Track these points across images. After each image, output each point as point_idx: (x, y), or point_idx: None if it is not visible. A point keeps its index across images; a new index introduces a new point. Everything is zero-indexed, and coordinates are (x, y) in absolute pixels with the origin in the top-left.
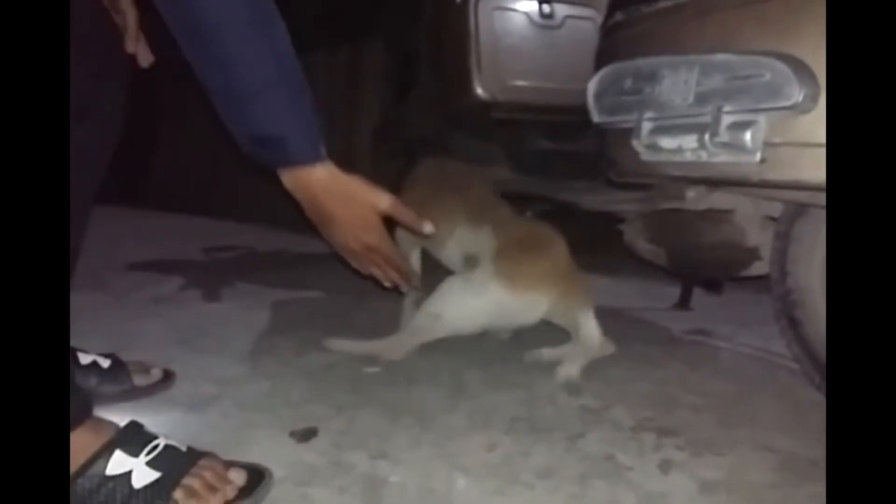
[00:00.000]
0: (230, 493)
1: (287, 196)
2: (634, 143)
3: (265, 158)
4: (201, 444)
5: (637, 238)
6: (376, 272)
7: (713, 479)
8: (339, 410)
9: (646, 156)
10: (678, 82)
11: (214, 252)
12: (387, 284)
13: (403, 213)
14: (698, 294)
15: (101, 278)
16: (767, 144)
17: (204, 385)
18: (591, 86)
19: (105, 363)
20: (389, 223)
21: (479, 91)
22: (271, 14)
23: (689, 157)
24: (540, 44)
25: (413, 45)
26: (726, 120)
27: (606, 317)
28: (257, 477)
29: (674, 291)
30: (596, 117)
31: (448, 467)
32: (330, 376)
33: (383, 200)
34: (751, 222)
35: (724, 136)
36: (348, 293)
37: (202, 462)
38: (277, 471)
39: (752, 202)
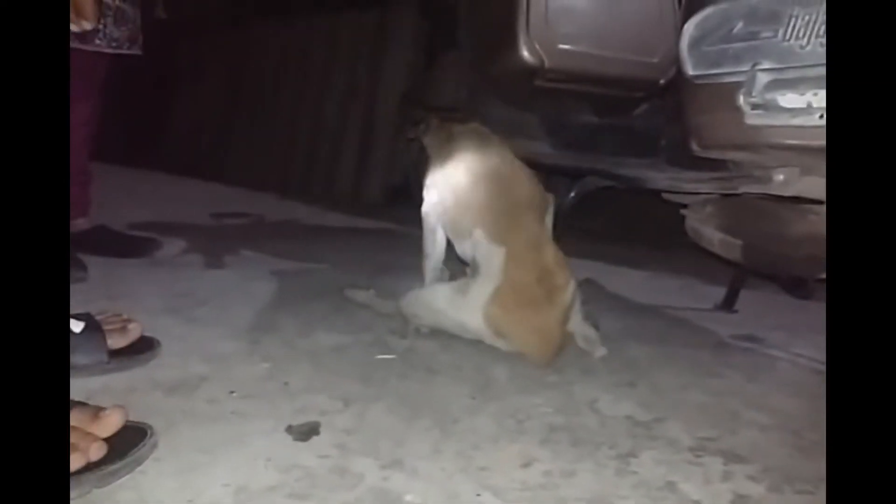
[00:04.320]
0: (94, 453)
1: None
2: (741, 100)
3: None
4: (181, 436)
5: (705, 226)
6: None
7: None
8: (346, 403)
9: (755, 118)
10: (813, 23)
11: (222, 218)
12: None
13: None
14: (744, 296)
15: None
16: None
17: (192, 362)
18: (687, 31)
19: (77, 326)
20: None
21: (525, 54)
22: None
23: (817, 120)
24: (595, 5)
25: (450, 2)
26: None
27: (642, 314)
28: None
29: (714, 291)
30: (690, 69)
31: (475, 485)
32: (337, 361)
33: None
34: None
35: None
36: (360, 268)
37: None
38: (269, 477)
39: None
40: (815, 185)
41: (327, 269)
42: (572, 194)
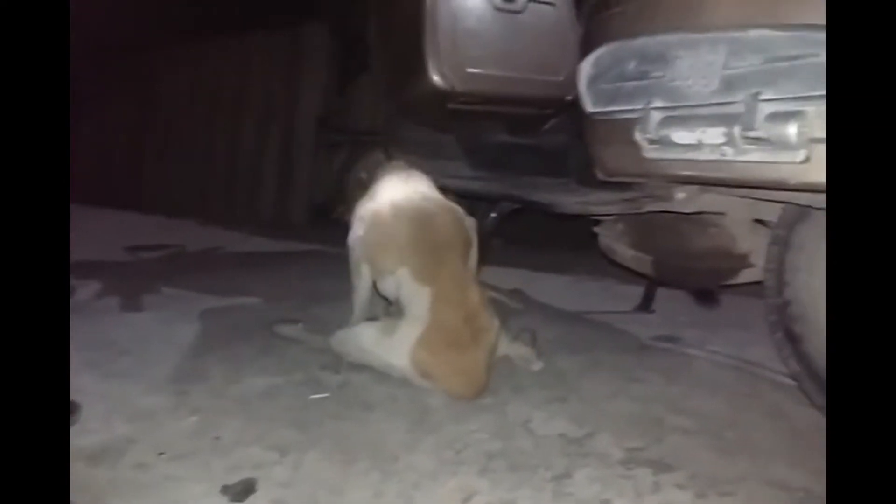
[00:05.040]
0: None
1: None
2: (638, 136)
3: None
4: None
5: (617, 243)
6: None
7: None
8: (281, 453)
9: (651, 152)
10: (698, 64)
11: (139, 251)
12: None
13: None
14: (660, 295)
15: None
16: (813, 140)
17: (116, 422)
18: (584, 69)
19: None
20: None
21: (436, 79)
22: None
23: (708, 154)
24: (501, 29)
25: (360, 26)
26: (764, 110)
27: (570, 321)
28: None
29: (633, 290)
30: (589, 106)
31: None
32: (269, 407)
33: None
34: (742, 226)
35: (760, 130)
36: (289, 297)
37: None
38: None
39: (745, 204)
40: (714, 201)
41: (255, 303)
42: (493, 215)
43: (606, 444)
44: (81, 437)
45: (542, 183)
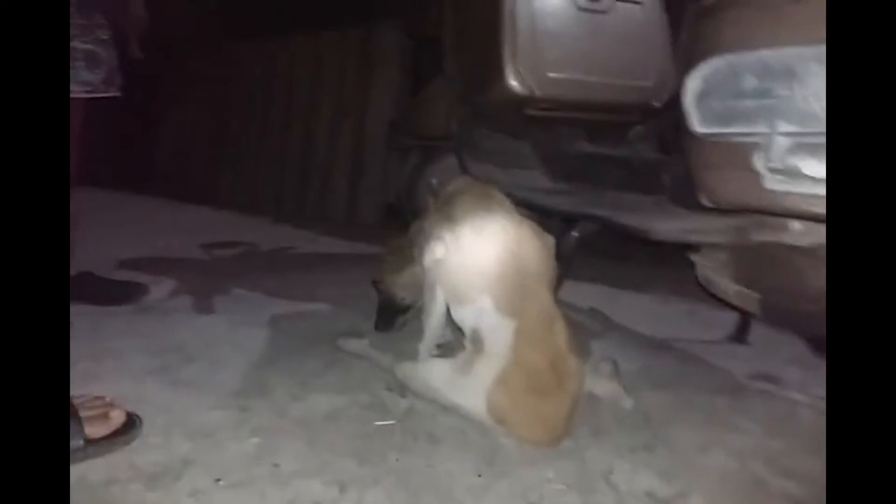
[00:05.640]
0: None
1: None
2: (758, 164)
3: None
4: None
5: (718, 275)
6: None
7: None
8: (342, 489)
9: (775, 183)
10: None
11: (213, 248)
12: None
13: None
14: (755, 322)
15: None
16: None
17: (176, 439)
18: (691, 84)
19: None
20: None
21: (513, 84)
22: None
23: None
24: (584, 30)
25: (435, 27)
26: None
27: (653, 350)
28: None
29: (724, 316)
30: (697, 126)
31: None
32: (332, 431)
33: None
34: None
35: None
36: (356, 306)
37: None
38: None
39: None
40: None
41: (323, 309)
42: (574, 233)
43: None
44: (141, 454)
45: (630, 200)
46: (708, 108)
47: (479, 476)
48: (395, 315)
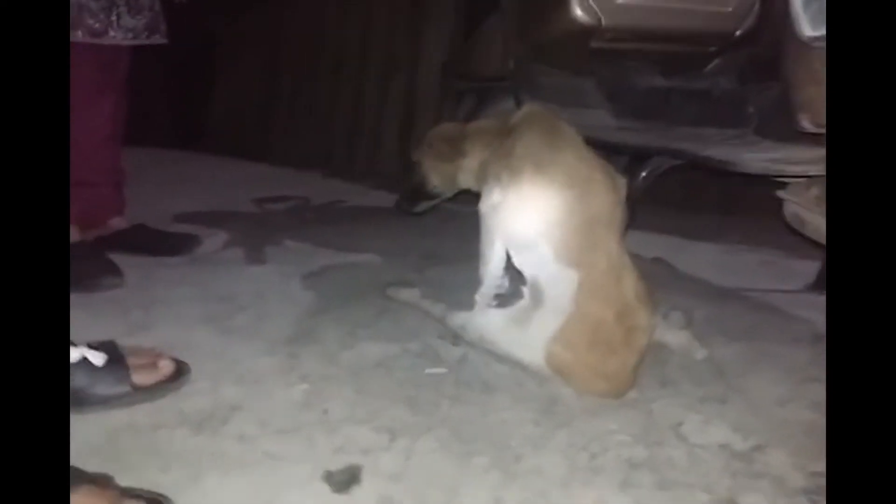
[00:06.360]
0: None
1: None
2: None
3: None
4: (204, 482)
5: (810, 212)
6: None
7: None
8: (392, 437)
9: None
10: None
11: (266, 203)
12: None
13: None
14: None
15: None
16: None
17: (224, 386)
18: None
19: (98, 359)
20: None
21: (579, 13)
22: None
23: None
24: None
25: None
26: None
27: (725, 300)
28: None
29: (800, 265)
30: (807, 30)
31: None
32: (382, 379)
33: None
34: None
35: None
36: (407, 257)
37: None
38: None
39: None
40: None
41: (373, 260)
42: (644, 174)
43: (782, 464)
44: (189, 400)
45: (708, 135)
46: (820, 9)
47: (537, 426)
48: (420, 199)
